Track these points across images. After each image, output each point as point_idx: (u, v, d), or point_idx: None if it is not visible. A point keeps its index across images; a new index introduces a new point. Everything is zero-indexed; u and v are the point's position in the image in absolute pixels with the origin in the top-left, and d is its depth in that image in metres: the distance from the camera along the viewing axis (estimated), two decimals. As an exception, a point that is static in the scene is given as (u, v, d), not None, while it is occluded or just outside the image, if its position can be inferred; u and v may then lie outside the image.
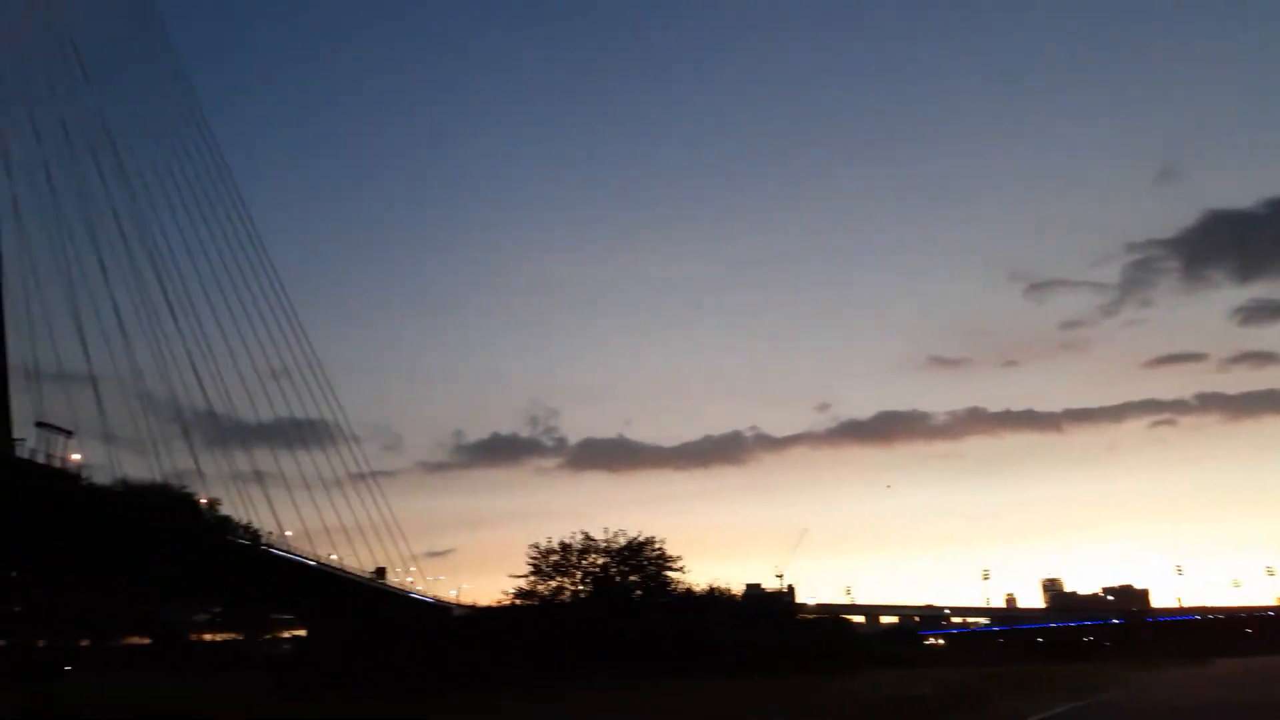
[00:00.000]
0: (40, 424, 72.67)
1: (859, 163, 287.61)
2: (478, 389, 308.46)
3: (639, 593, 50.56)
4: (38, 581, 50.25)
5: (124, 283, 78.36)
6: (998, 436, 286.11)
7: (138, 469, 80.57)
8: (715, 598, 56.16)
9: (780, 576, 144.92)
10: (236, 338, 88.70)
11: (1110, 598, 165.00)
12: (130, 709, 34.47)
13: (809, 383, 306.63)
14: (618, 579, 50.43)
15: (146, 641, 57.69)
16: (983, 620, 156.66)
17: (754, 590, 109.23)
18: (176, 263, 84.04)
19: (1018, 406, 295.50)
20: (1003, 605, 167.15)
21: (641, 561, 50.71)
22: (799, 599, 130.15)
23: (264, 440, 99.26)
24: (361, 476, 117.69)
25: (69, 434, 74.90)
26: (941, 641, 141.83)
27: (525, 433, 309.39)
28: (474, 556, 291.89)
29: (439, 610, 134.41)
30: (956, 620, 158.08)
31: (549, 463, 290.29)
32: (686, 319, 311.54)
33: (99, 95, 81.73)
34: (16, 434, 70.90)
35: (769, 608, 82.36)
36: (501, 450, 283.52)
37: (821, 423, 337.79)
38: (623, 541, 50.61)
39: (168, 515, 52.60)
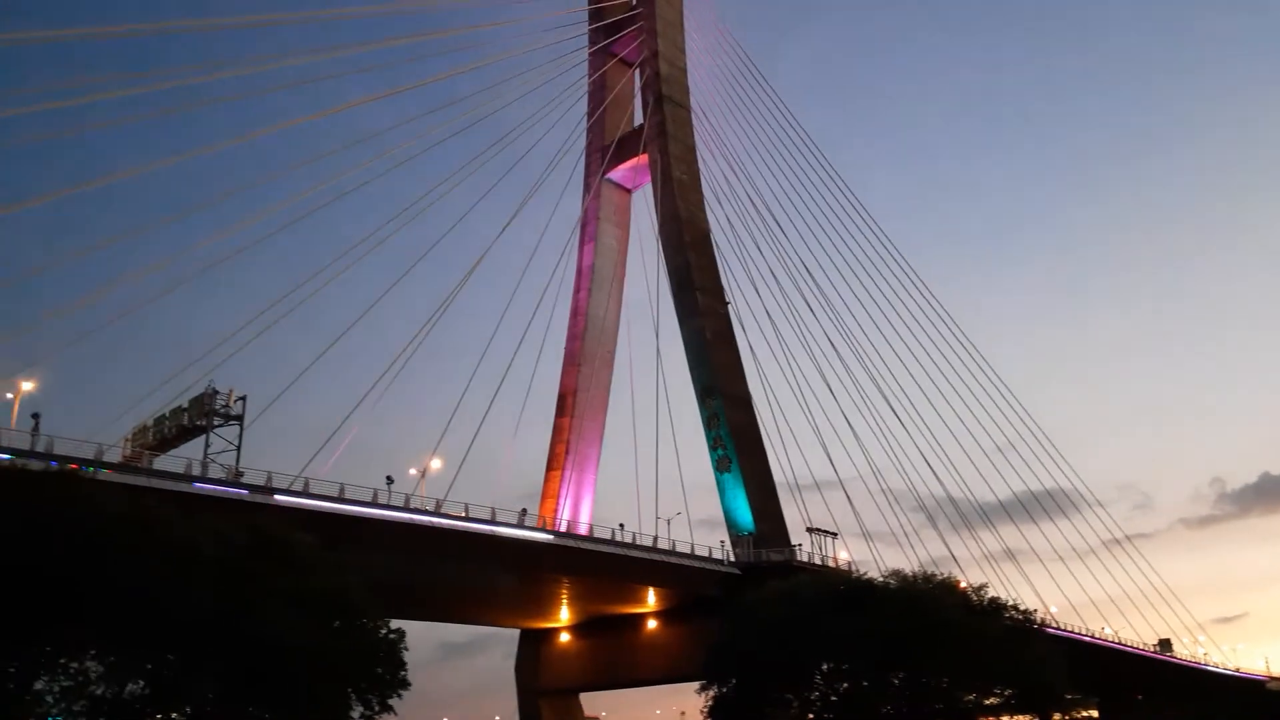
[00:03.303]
0: (810, 529, 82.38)
1: None
2: (1232, 426, 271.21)
3: None
4: (838, 671, 55.41)
5: (847, 394, 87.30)
6: None
7: (895, 559, 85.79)
8: None
9: None
10: (956, 422, 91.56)
11: None
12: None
13: None
14: None
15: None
16: None
17: None
18: (888, 365, 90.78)
19: None
20: None
21: None
22: None
23: (1004, 517, 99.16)
24: (1115, 542, 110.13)
25: (834, 535, 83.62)
26: None
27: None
28: (1274, 618, 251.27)
29: (1244, 684, 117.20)
30: None
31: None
32: None
33: (793, 241, 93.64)
34: (793, 540, 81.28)
35: None
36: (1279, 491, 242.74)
37: None
38: None
39: (944, 601, 54.67)
